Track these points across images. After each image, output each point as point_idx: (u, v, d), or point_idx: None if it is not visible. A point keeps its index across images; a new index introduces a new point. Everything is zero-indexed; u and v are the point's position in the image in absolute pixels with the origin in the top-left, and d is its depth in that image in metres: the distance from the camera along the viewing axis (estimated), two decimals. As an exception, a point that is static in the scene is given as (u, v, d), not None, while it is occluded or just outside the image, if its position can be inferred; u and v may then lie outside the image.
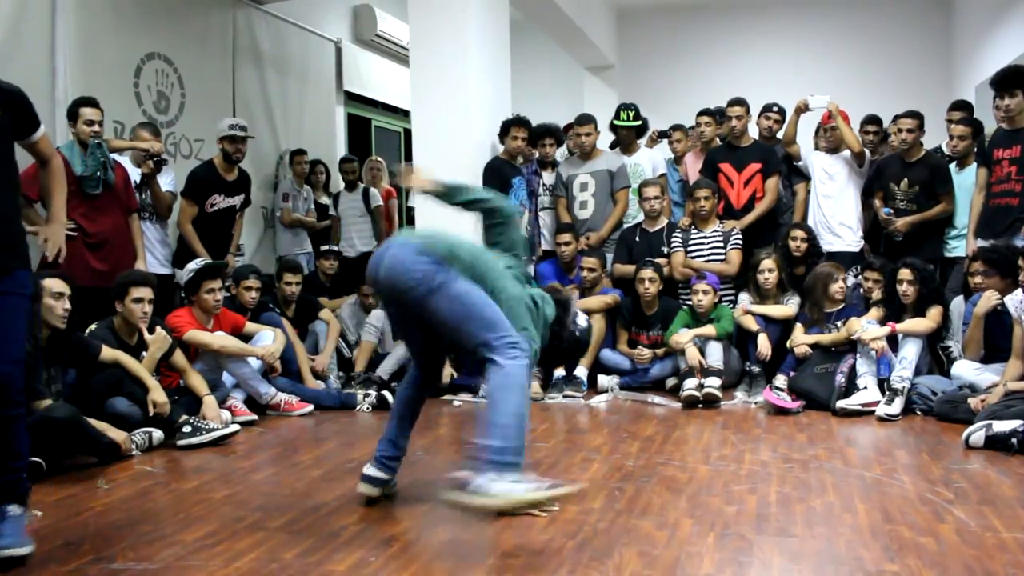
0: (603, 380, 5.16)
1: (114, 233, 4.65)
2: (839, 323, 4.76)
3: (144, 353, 4.06)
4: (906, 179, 5.27)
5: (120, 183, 4.71)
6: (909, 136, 5.23)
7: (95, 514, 2.90)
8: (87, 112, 4.52)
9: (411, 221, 7.81)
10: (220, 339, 4.47)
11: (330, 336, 5.37)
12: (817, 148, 5.75)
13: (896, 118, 5.58)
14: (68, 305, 3.61)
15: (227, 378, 4.59)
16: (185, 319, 4.47)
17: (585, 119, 5.86)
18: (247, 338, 4.68)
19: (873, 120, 5.92)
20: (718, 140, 6.03)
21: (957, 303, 4.66)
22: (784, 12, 9.36)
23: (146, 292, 4.05)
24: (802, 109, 5.53)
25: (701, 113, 6.09)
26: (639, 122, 6.10)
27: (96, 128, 4.54)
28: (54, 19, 4.99)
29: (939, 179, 5.20)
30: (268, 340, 4.68)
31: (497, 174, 5.37)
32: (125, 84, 5.54)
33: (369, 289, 5.69)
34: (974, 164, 5.03)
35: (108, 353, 3.87)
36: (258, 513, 2.87)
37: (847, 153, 5.46)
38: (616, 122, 6.11)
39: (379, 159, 7.52)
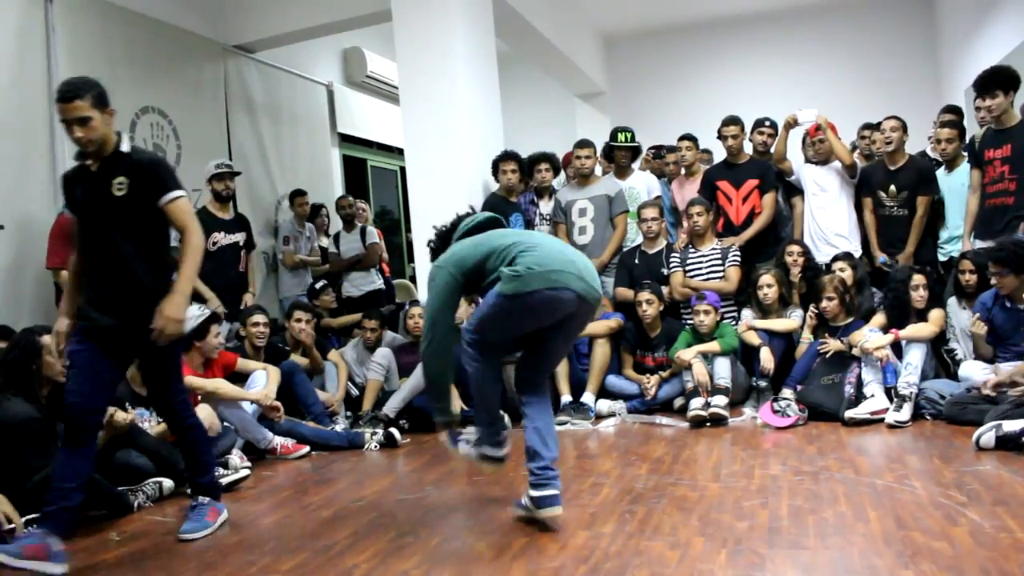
0: (603, 406, 5.10)
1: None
2: (843, 340, 4.74)
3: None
4: (893, 185, 5.29)
5: None
6: (894, 135, 5.26)
7: (108, 566, 2.90)
8: None
9: (411, 254, 7.84)
10: (214, 383, 4.46)
11: (340, 377, 5.39)
12: (807, 160, 5.78)
13: (876, 125, 5.64)
14: (67, 361, 3.62)
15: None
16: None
17: (585, 143, 5.92)
18: (240, 375, 4.70)
19: (871, 127, 5.95)
20: (700, 164, 6.07)
21: (951, 304, 4.69)
22: (768, 26, 9.46)
23: None
24: (791, 124, 5.55)
25: (682, 138, 6.14)
26: (636, 143, 6.16)
27: None
28: (50, 81, 5.08)
29: (924, 181, 5.23)
30: (261, 383, 4.68)
31: (495, 212, 5.39)
32: (121, 139, 5.62)
33: (371, 323, 5.67)
34: (963, 166, 5.06)
35: None
36: (268, 557, 2.86)
37: (838, 164, 5.48)
38: (614, 144, 6.15)
39: (360, 203, 7.43)
